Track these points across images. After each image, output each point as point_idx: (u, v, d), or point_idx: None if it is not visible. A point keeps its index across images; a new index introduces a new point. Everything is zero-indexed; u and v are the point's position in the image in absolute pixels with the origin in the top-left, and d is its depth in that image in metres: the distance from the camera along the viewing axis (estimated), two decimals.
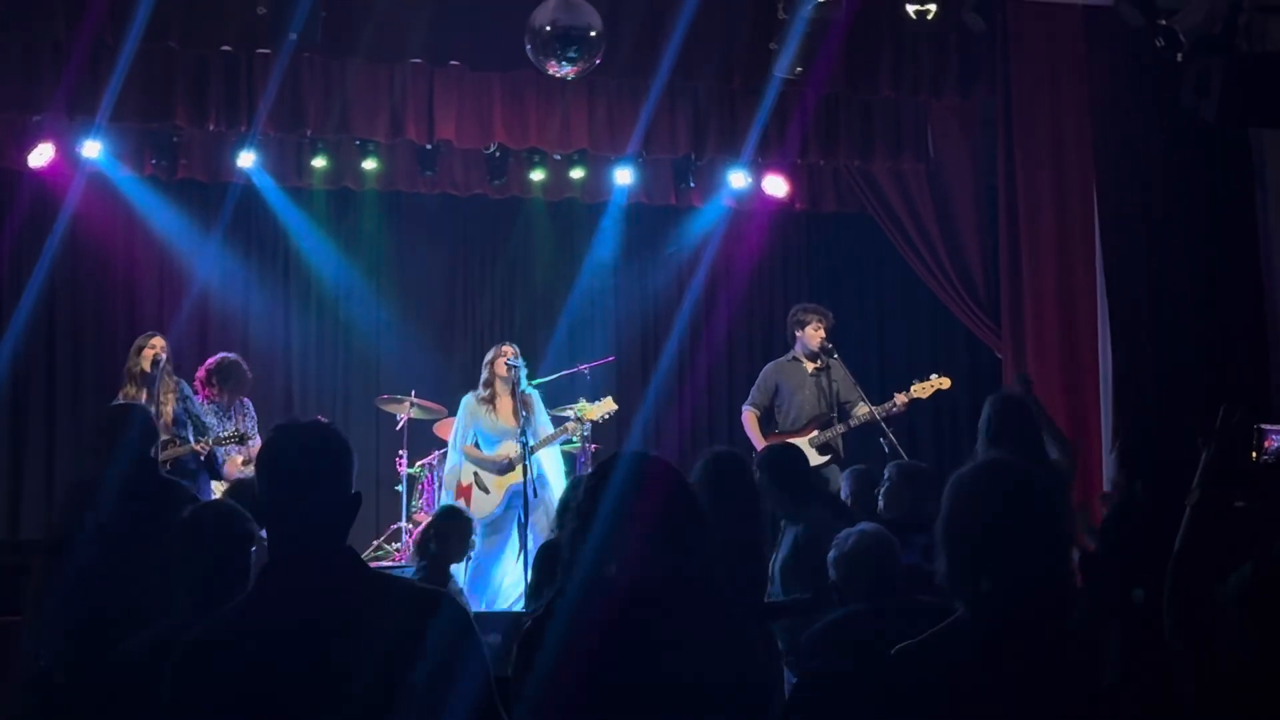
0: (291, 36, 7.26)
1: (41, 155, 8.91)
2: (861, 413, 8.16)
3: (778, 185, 10.21)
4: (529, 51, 7.53)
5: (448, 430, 8.54)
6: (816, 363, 8.40)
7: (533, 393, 8.13)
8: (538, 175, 9.93)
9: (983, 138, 9.64)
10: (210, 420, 8.16)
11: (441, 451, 8.72)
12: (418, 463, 9.25)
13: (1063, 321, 8.98)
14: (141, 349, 7.76)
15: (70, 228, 9.15)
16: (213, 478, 7.76)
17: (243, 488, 5.70)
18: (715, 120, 9.19)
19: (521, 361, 8.10)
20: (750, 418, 8.46)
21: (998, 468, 2.77)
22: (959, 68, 8.88)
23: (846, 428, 8.22)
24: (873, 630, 4.08)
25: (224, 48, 8.11)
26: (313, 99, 8.53)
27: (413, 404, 9.19)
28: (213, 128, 8.57)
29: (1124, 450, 5.01)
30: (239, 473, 7.96)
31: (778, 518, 5.84)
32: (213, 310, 9.95)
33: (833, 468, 8.19)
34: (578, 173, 9.96)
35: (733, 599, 2.94)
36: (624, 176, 9.89)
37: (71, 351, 9.62)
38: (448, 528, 6.14)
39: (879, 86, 8.82)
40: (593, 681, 2.61)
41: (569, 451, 8.75)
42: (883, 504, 6.02)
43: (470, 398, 8.12)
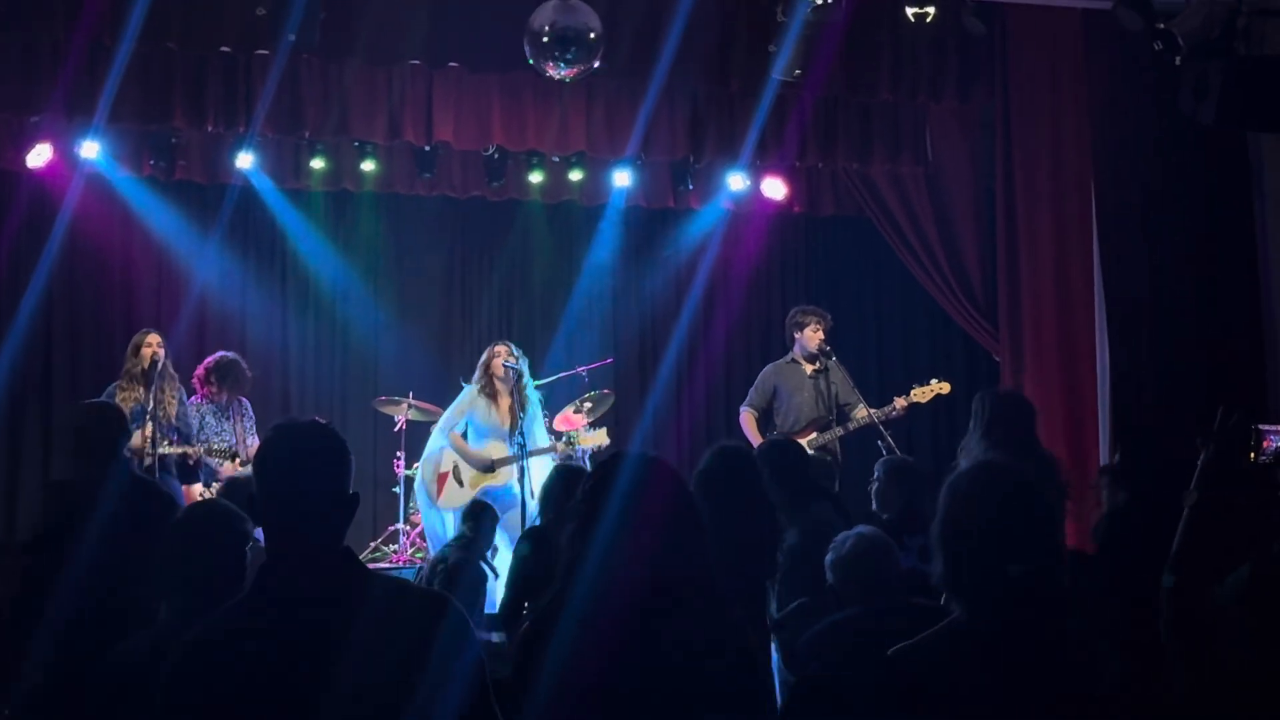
0: (290, 38, 7.26)
1: (40, 156, 8.90)
2: (860, 415, 8.17)
3: (776, 188, 10.21)
4: (527, 53, 7.53)
5: None
6: (815, 365, 8.40)
7: (533, 399, 8.13)
8: (536, 177, 9.94)
9: (981, 141, 9.64)
10: (209, 420, 8.16)
11: None
12: (415, 464, 9.24)
13: (1061, 325, 8.98)
14: (139, 347, 7.77)
15: (68, 229, 9.14)
16: (188, 481, 7.76)
17: (235, 486, 5.69)
18: (713, 123, 9.19)
19: (524, 362, 8.09)
20: (748, 418, 8.47)
21: (993, 470, 2.77)
22: (958, 71, 8.88)
23: (845, 430, 8.22)
24: (870, 633, 4.07)
25: (222, 49, 8.10)
26: (311, 100, 8.53)
27: (410, 406, 9.19)
28: (211, 129, 8.57)
29: (1123, 454, 5.01)
30: (236, 474, 7.96)
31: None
32: (211, 311, 9.95)
33: (833, 470, 8.20)
34: (576, 175, 9.96)
35: (733, 600, 2.94)
36: (622, 179, 9.90)
37: (69, 352, 9.61)
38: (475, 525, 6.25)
39: (878, 89, 8.82)
40: (599, 684, 2.62)
41: (565, 459, 8.72)
42: (875, 503, 6.01)
43: (474, 387, 8.14)
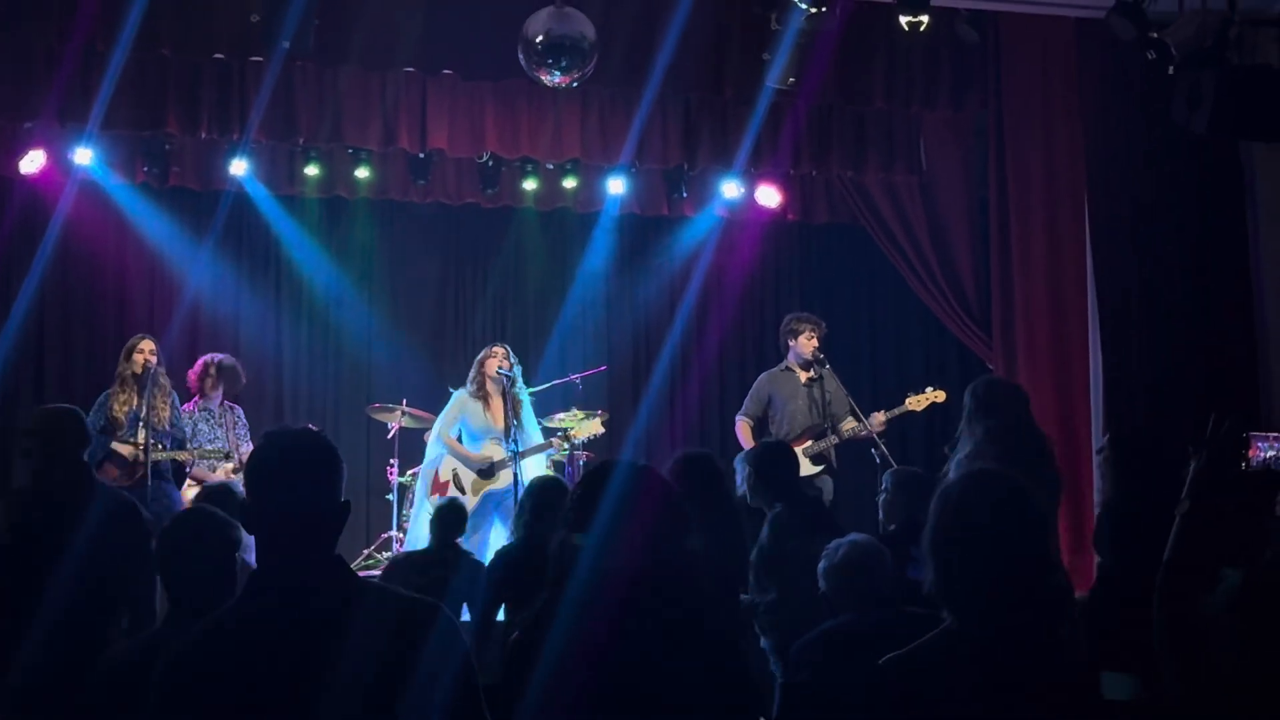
0: (284, 44, 7.25)
1: (33, 162, 8.90)
2: (847, 428, 8.19)
3: (770, 196, 10.22)
4: (521, 61, 7.54)
5: None
6: (809, 372, 8.40)
7: (524, 398, 8.12)
8: (530, 185, 9.94)
9: (975, 149, 9.65)
10: (202, 426, 8.15)
11: None
12: (409, 471, 9.23)
13: (1054, 332, 8.99)
14: (132, 352, 7.76)
15: (61, 235, 9.12)
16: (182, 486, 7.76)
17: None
18: (707, 130, 9.19)
19: (518, 370, 8.09)
20: (744, 427, 8.47)
21: (985, 477, 2.77)
22: (951, 79, 8.90)
23: (839, 439, 8.22)
24: (862, 640, 4.07)
25: (216, 55, 8.11)
26: (305, 107, 8.53)
27: (404, 413, 9.18)
28: (205, 135, 8.56)
29: (1115, 459, 5.00)
30: (229, 480, 7.95)
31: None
32: (204, 318, 9.94)
33: (825, 478, 8.21)
34: (570, 182, 9.96)
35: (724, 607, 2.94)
36: (616, 186, 9.90)
37: (62, 359, 9.60)
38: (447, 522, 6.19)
39: (872, 97, 8.83)
40: (589, 691, 2.62)
41: (558, 460, 8.73)
42: (882, 514, 6.01)
43: (464, 391, 8.13)
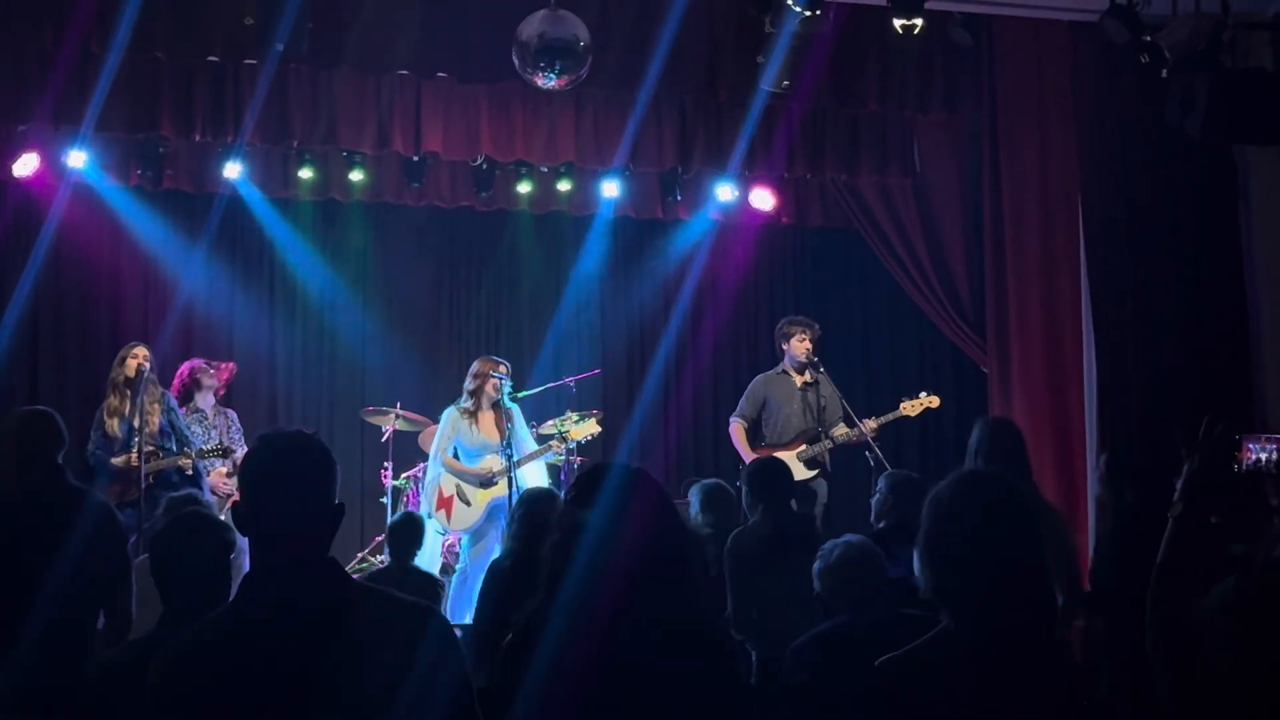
0: (278, 47, 7.22)
1: (26, 165, 8.89)
2: (840, 433, 8.20)
3: (764, 199, 10.24)
4: (516, 64, 7.54)
5: (432, 441, 8.51)
6: (805, 376, 8.41)
7: (513, 407, 8.10)
8: (524, 188, 9.95)
9: (969, 152, 9.66)
10: (195, 429, 8.14)
11: (426, 464, 8.69)
12: (403, 474, 9.24)
13: (1048, 335, 9.00)
14: (125, 359, 7.74)
15: (55, 238, 9.12)
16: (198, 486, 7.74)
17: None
18: (702, 133, 9.20)
19: (508, 385, 8.08)
20: (738, 429, 8.47)
21: (976, 479, 2.77)
22: (945, 83, 8.90)
23: (832, 444, 8.23)
24: (857, 642, 4.07)
25: (210, 58, 8.10)
26: (299, 110, 8.53)
27: (398, 416, 9.17)
28: (199, 138, 8.56)
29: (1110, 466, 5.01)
30: (224, 484, 7.95)
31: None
32: (198, 322, 9.93)
33: (820, 482, 8.22)
34: (564, 185, 9.97)
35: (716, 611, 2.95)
36: (611, 189, 9.90)
37: (55, 362, 9.59)
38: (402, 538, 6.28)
39: (865, 101, 8.84)
40: (583, 694, 2.62)
41: (554, 464, 8.73)
42: (874, 515, 6.03)
43: (453, 410, 8.06)
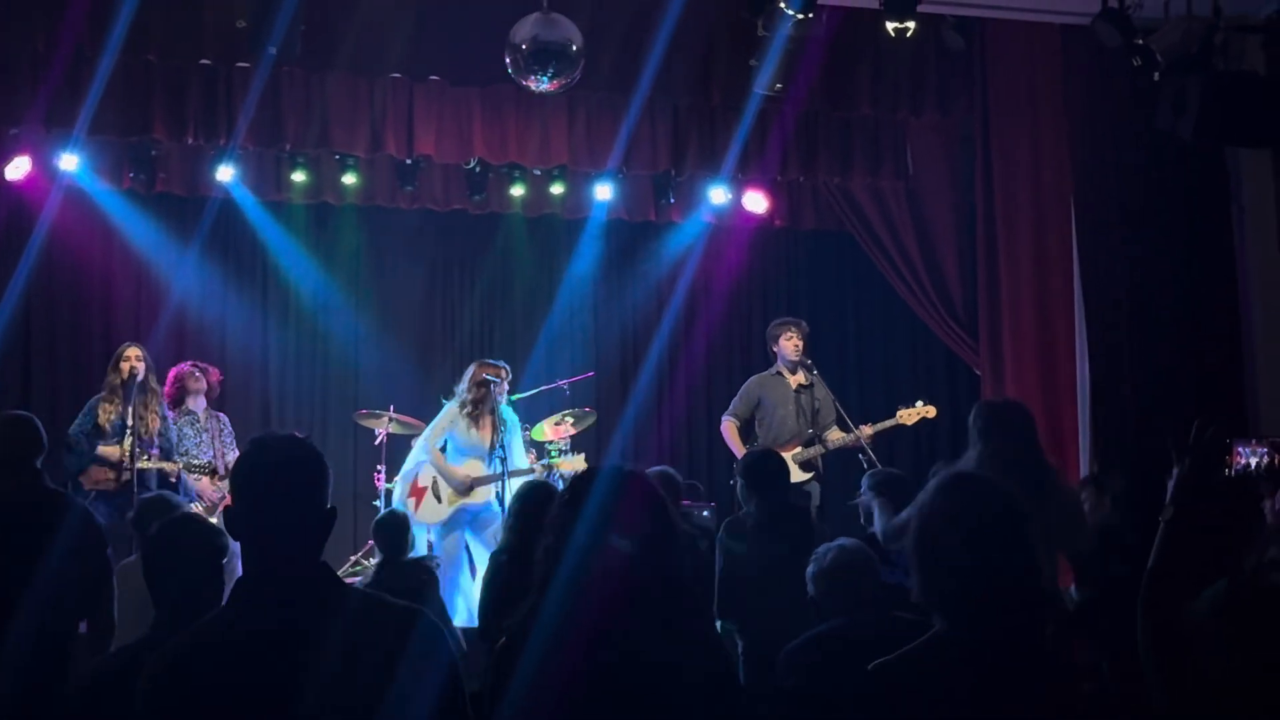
0: (271, 50, 7.22)
1: (18, 168, 8.87)
2: (834, 438, 8.21)
3: (757, 201, 10.24)
4: (509, 67, 7.54)
5: None
6: (799, 377, 8.40)
7: (512, 419, 8.12)
8: (517, 191, 9.95)
9: (961, 155, 9.68)
10: (187, 430, 8.12)
11: None
12: (395, 478, 9.21)
13: (1040, 337, 9.01)
14: (119, 360, 7.74)
15: (47, 241, 9.10)
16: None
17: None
18: (695, 136, 9.21)
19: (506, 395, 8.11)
20: (730, 428, 8.46)
21: (964, 480, 2.77)
22: (938, 85, 8.92)
23: (825, 449, 8.24)
24: (851, 645, 4.07)
25: (203, 61, 8.10)
26: (292, 113, 8.52)
27: (391, 419, 9.16)
28: (191, 141, 8.55)
29: (1104, 467, 5.02)
30: (211, 490, 7.93)
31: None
32: (190, 325, 9.92)
33: (814, 484, 8.23)
34: (557, 188, 9.98)
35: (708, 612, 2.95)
36: (604, 192, 9.91)
37: (48, 365, 9.58)
38: (389, 537, 6.32)
39: (858, 104, 8.85)
40: (573, 696, 2.62)
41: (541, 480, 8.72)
42: (862, 517, 6.03)
43: (454, 405, 8.09)
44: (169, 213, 9.79)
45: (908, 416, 8.35)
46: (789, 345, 8.41)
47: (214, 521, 7.28)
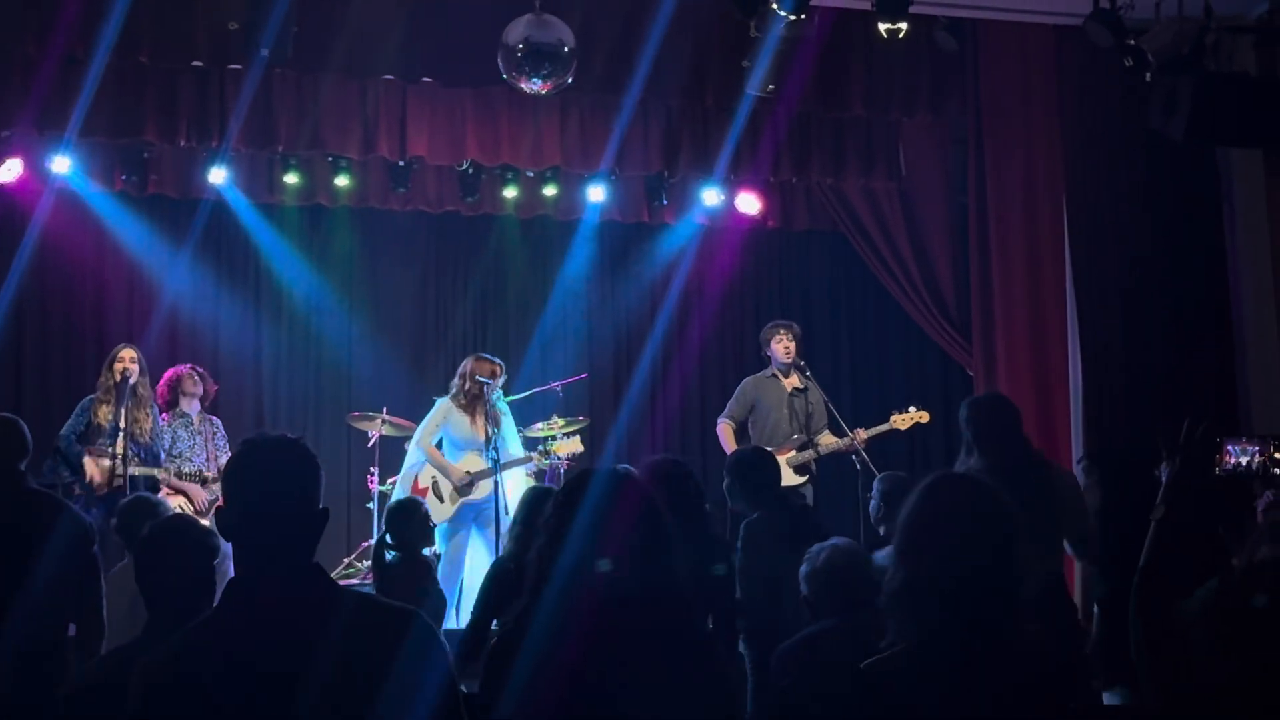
0: (263, 52, 7.22)
1: (10, 171, 8.86)
2: (828, 443, 8.22)
3: (750, 203, 10.24)
4: (501, 68, 7.54)
5: None
6: (794, 380, 8.41)
7: (504, 409, 8.11)
8: (510, 192, 9.94)
9: (954, 155, 9.69)
10: (181, 433, 8.10)
11: None
12: (389, 480, 9.20)
13: (1033, 337, 9.02)
14: (112, 362, 7.73)
15: (39, 244, 9.08)
16: None
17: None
18: (688, 137, 9.21)
19: (500, 393, 8.10)
20: (726, 429, 8.47)
21: (950, 480, 2.77)
22: (930, 86, 8.93)
23: (817, 453, 8.24)
24: (844, 645, 4.06)
25: (195, 63, 8.09)
26: (284, 115, 8.51)
27: (384, 421, 9.15)
28: (183, 143, 8.54)
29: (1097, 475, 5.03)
30: (205, 492, 7.91)
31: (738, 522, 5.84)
32: (183, 327, 9.88)
33: (809, 487, 8.23)
34: (550, 190, 9.97)
35: (703, 613, 2.94)
36: (597, 194, 9.90)
37: (40, 367, 9.55)
38: (404, 525, 5.93)
39: (851, 104, 8.86)
40: (566, 699, 2.61)
41: (539, 469, 8.71)
42: (874, 519, 6.01)
43: (447, 400, 8.08)
44: (161, 215, 9.76)
45: (901, 421, 8.36)
46: (780, 348, 8.42)
47: (206, 524, 7.34)
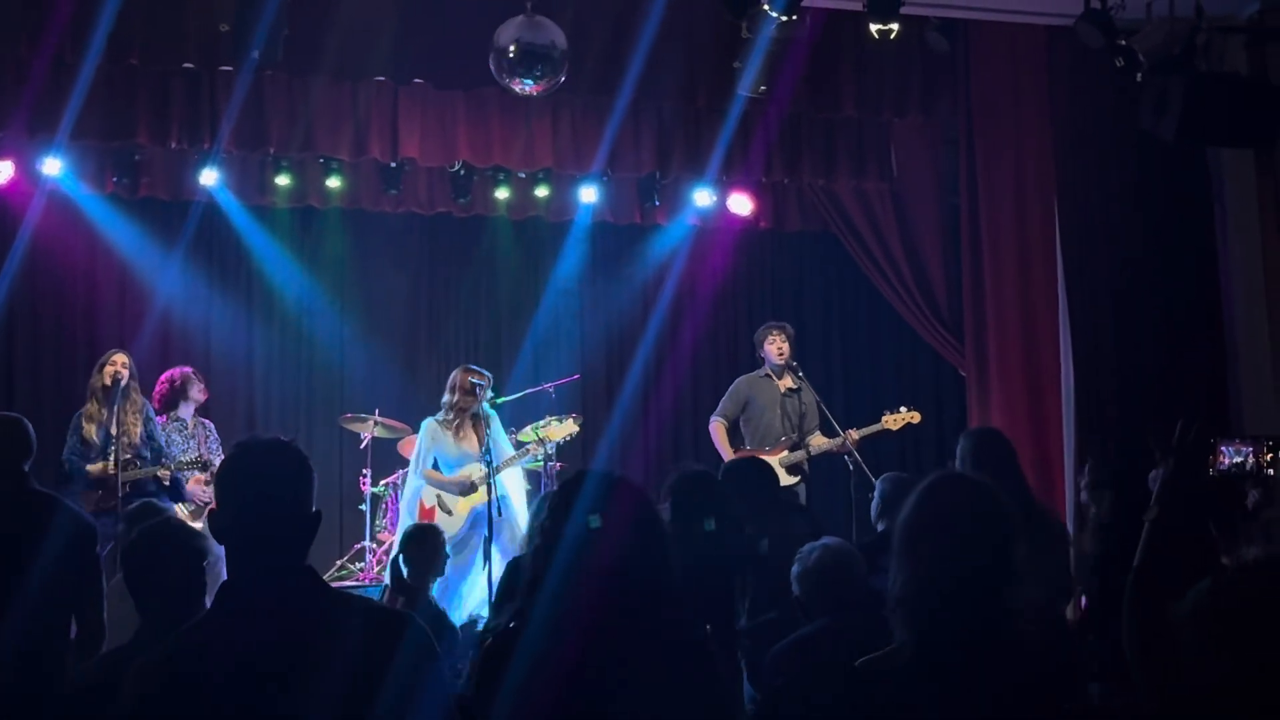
0: (254, 54, 7.19)
1: (1, 173, 8.84)
2: (820, 443, 8.22)
3: (742, 203, 10.24)
4: (493, 69, 7.53)
5: (411, 448, 8.47)
6: (786, 380, 8.42)
7: (491, 413, 8.08)
8: (502, 194, 9.94)
9: (945, 156, 9.70)
10: (175, 437, 8.09)
11: (405, 471, 8.66)
12: (381, 481, 9.21)
13: (1025, 338, 9.03)
14: (103, 365, 7.71)
15: (30, 246, 9.05)
16: (174, 500, 7.70)
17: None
18: (680, 138, 9.21)
19: (489, 393, 8.06)
20: (719, 428, 8.48)
21: (948, 479, 2.77)
22: (922, 87, 8.94)
23: (809, 455, 8.25)
24: (837, 646, 4.07)
25: (186, 65, 8.06)
26: (276, 117, 8.49)
27: (377, 423, 9.15)
28: (175, 145, 8.52)
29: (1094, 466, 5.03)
30: (202, 491, 7.91)
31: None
32: (175, 329, 9.87)
33: (801, 486, 8.24)
34: (542, 191, 9.96)
35: (700, 615, 2.94)
36: (589, 195, 9.90)
37: (31, 370, 9.52)
38: (415, 552, 5.88)
39: (842, 105, 8.86)
40: (559, 701, 2.61)
41: (534, 469, 8.71)
42: (874, 516, 6.02)
43: (432, 421, 7.99)
44: (153, 217, 9.74)
45: (893, 421, 8.37)
46: (774, 349, 8.44)
47: (200, 525, 7.34)
